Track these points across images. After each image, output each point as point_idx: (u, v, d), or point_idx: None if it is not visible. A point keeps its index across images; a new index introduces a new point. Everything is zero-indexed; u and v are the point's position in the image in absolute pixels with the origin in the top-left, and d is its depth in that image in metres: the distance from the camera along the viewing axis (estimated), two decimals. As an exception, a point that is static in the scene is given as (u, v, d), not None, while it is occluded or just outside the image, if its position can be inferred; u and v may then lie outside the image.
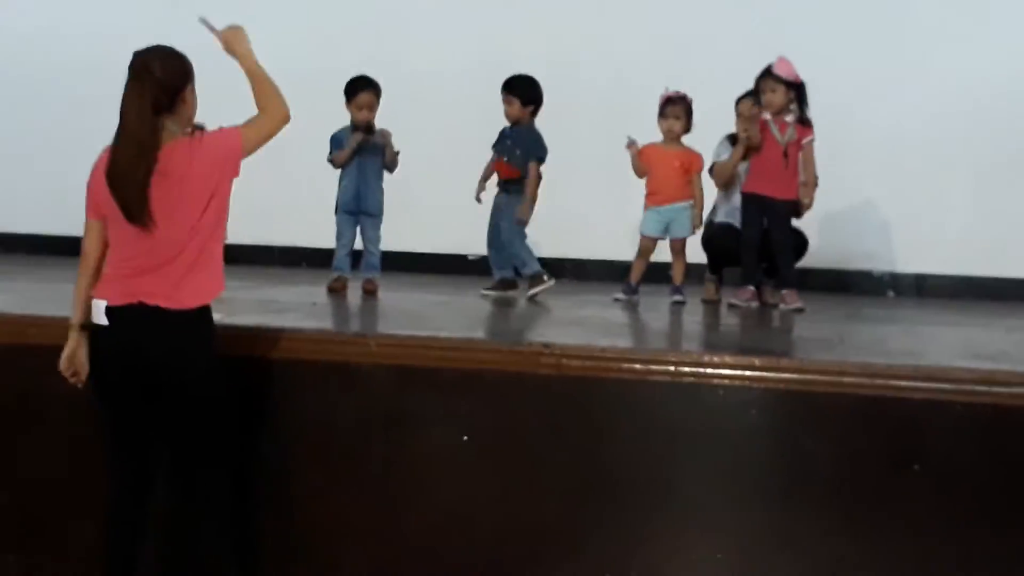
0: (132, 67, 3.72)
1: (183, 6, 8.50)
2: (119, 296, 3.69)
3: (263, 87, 3.89)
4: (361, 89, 6.29)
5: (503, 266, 6.48)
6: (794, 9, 8.14)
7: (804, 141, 6.10)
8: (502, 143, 6.46)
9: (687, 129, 6.37)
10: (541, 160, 6.37)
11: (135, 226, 3.64)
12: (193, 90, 3.81)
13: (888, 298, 8.11)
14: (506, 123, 6.48)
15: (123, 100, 3.71)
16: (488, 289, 6.42)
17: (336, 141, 6.36)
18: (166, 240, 3.66)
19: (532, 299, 6.24)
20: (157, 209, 3.63)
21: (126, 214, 3.63)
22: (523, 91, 6.42)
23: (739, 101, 6.56)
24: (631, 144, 6.28)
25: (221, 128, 3.80)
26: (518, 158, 6.37)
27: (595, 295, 6.51)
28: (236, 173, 3.81)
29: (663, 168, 6.33)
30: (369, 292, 6.24)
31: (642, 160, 6.31)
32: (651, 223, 6.37)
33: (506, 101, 6.41)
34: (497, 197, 6.46)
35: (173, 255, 3.68)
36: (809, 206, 6.30)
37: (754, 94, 6.27)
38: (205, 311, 3.79)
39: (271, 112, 3.86)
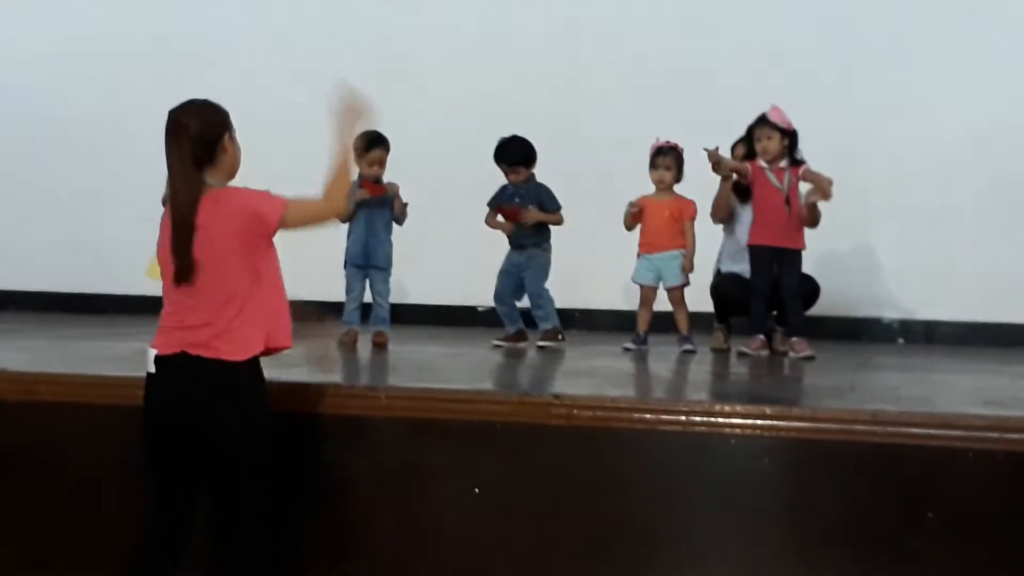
0: (167, 126, 3.69)
1: (194, 61, 8.76)
2: (167, 345, 3.71)
3: (341, 177, 3.91)
4: (374, 146, 6.33)
5: (514, 319, 6.52)
6: (797, 56, 8.20)
7: (801, 171, 6.13)
8: (508, 200, 6.51)
9: (678, 179, 6.45)
10: (560, 209, 6.55)
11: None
12: (232, 138, 3.79)
13: (898, 345, 8.10)
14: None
15: (167, 162, 3.68)
16: (501, 340, 6.46)
17: (343, 195, 6.38)
18: (206, 292, 3.67)
19: (540, 348, 6.30)
20: (197, 263, 3.64)
21: (182, 276, 3.64)
22: (525, 157, 6.51)
23: (735, 146, 6.61)
24: (633, 207, 6.36)
25: (266, 192, 3.78)
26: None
27: (604, 345, 6.52)
28: (265, 237, 3.76)
29: (654, 218, 6.41)
30: (379, 345, 6.25)
31: (640, 213, 6.38)
32: (642, 271, 6.45)
33: (513, 172, 6.49)
34: (512, 255, 6.51)
35: (215, 307, 3.67)
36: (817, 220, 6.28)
37: (746, 141, 6.32)
38: (252, 363, 3.76)
39: (333, 202, 3.87)
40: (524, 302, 6.65)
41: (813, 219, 6.19)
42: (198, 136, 3.67)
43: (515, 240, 6.53)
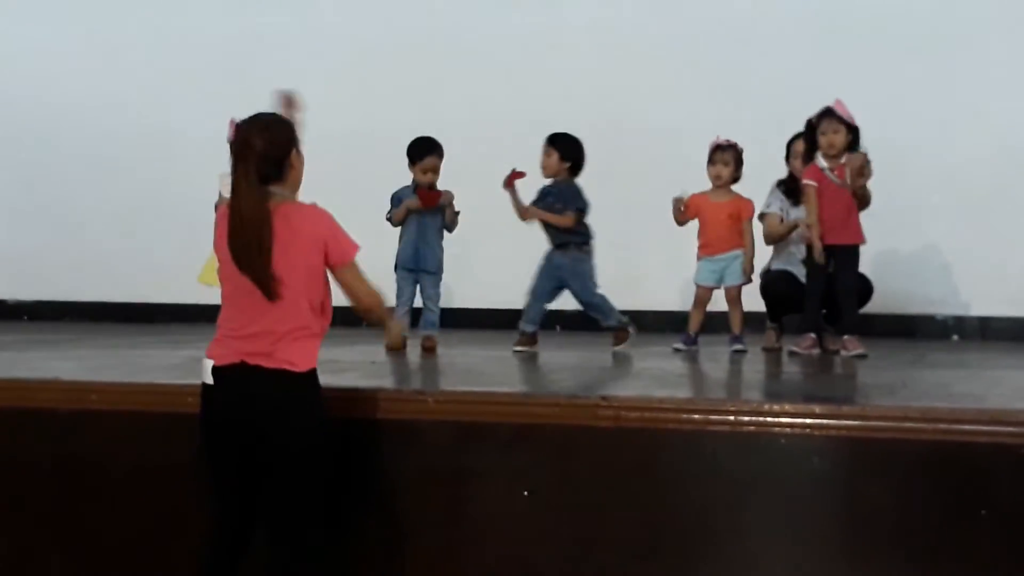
0: (235, 143, 3.70)
1: (231, 74, 8.82)
2: (225, 356, 3.72)
3: (378, 316, 4.07)
4: (428, 153, 6.34)
5: (533, 321, 6.48)
6: (849, 48, 8.15)
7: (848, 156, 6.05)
8: (543, 200, 6.48)
9: (736, 177, 6.41)
10: (581, 212, 6.41)
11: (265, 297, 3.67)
12: (299, 153, 3.82)
13: (952, 342, 8.03)
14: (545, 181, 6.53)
15: (232, 178, 3.68)
16: (518, 346, 6.42)
17: (397, 200, 6.42)
18: (272, 307, 3.68)
19: (616, 352, 6.32)
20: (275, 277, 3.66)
21: (265, 292, 3.65)
22: (563, 146, 6.45)
23: (791, 142, 6.55)
24: (679, 201, 6.33)
25: (342, 232, 3.82)
26: (560, 212, 6.40)
27: (654, 346, 6.50)
28: (328, 265, 3.80)
29: (713, 218, 6.38)
30: (428, 349, 6.26)
31: (690, 210, 6.37)
32: (705, 273, 6.42)
33: (545, 153, 6.44)
34: (554, 255, 6.47)
35: (278, 314, 3.68)
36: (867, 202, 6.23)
37: (807, 136, 6.25)
38: (312, 373, 3.78)
39: (372, 304, 3.96)
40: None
41: (864, 201, 6.13)
42: (265, 154, 3.67)
43: (556, 239, 6.49)
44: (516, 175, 6.43)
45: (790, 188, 6.62)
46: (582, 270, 6.44)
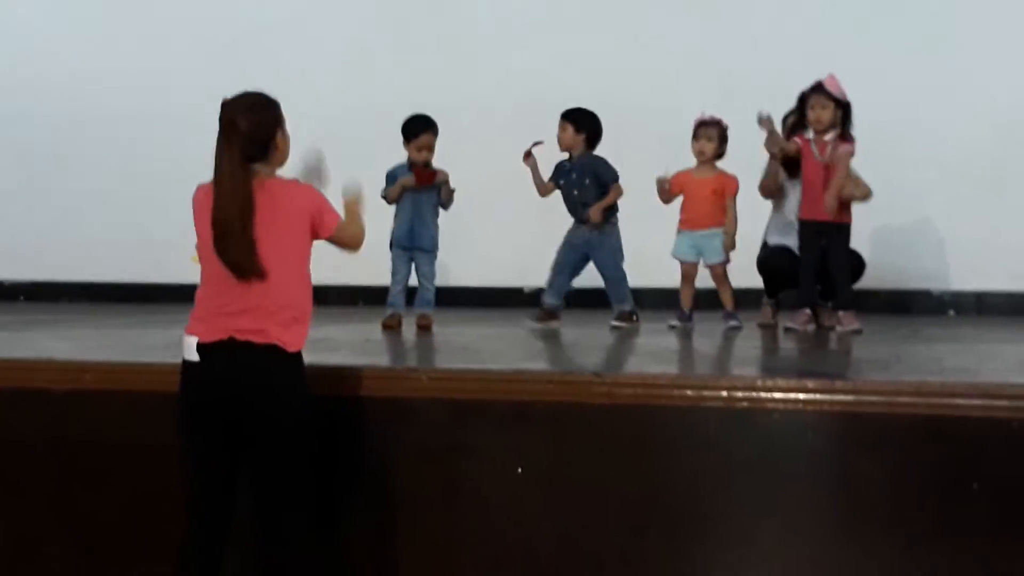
0: (220, 122, 3.67)
1: (228, 52, 8.80)
2: (211, 332, 3.69)
3: (352, 215, 4.02)
4: (423, 130, 6.32)
5: (558, 293, 6.50)
6: (844, 25, 8.14)
7: (840, 150, 6.04)
8: (565, 176, 6.50)
9: (720, 153, 6.41)
10: (617, 179, 6.47)
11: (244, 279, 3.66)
12: (284, 133, 3.81)
13: (949, 317, 8.03)
14: (561, 156, 6.52)
15: (215, 156, 3.67)
16: (536, 320, 6.44)
17: (391, 178, 6.40)
18: (259, 281, 3.67)
19: (614, 328, 6.34)
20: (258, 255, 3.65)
21: (237, 273, 3.64)
22: (578, 119, 6.48)
23: (787, 117, 6.54)
24: (663, 180, 6.34)
25: (325, 199, 3.84)
26: (588, 188, 6.41)
27: (649, 323, 6.51)
28: (314, 238, 3.83)
29: (696, 194, 6.40)
30: (423, 327, 6.27)
31: (674, 187, 6.38)
32: (681, 246, 6.44)
33: (560, 127, 6.49)
34: (580, 229, 6.50)
35: (266, 291, 3.67)
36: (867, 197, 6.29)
37: (798, 110, 6.26)
38: (299, 355, 3.78)
39: (358, 234, 4.00)
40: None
41: (862, 196, 6.17)
42: (250, 134, 3.67)
43: (579, 213, 6.50)
44: (535, 145, 6.46)
45: (787, 160, 6.58)
46: (610, 243, 6.51)
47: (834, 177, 5.98)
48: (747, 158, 6.49)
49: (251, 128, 3.67)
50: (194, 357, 3.72)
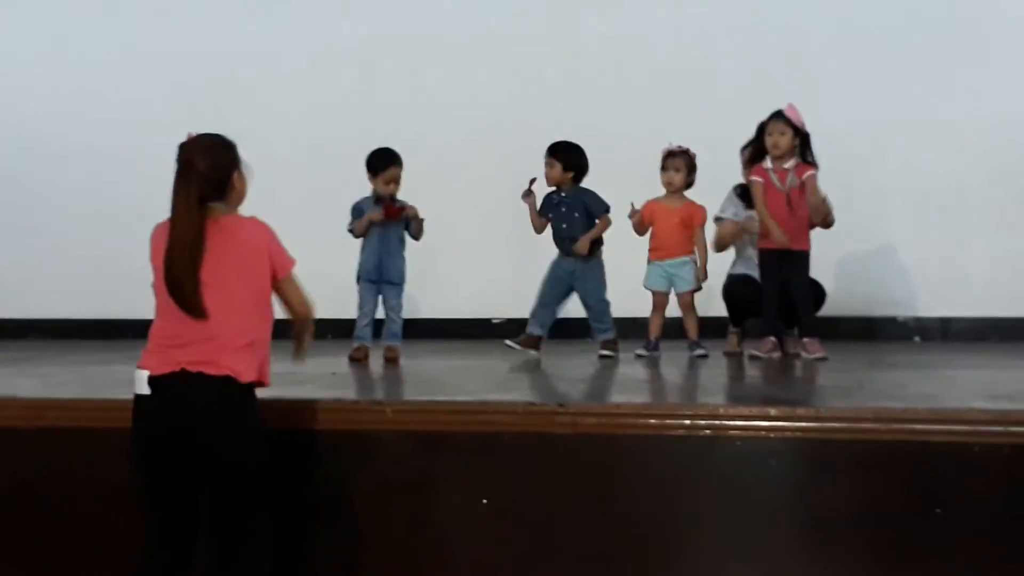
0: (177, 162, 3.71)
1: (203, 92, 8.81)
2: (162, 365, 3.69)
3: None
4: (390, 164, 6.31)
5: (542, 324, 6.51)
6: (811, 52, 8.21)
7: (804, 176, 6.09)
8: (554, 209, 6.52)
9: (689, 183, 6.46)
10: (607, 210, 6.49)
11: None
12: (241, 174, 3.83)
13: (914, 343, 8.08)
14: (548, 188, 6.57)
15: (172, 195, 3.70)
16: (514, 341, 6.45)
17: (357, 211, 6.37)
18: (210, 309, 3.66)
19: (602, 357, 6.37)
20: (204, 289, 3.65)
21: (185, 310, 3.65)
22: (565, 156, 6.52)
23: (744, 148, 6.59)
24: (633, 213, 6.37)
25: (281, 247, 3.86)
26: (577, 221, 6.43)
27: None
28: (266, 271, 3.82)
29: (664, 224, 6.43)
30: (390, 360, 6.26)
31: (644, 217, 6.41)
32: (653, 277, 6.47)
33: (548, 164, 6.51)
34: (564, 261, 6.52)
35: (219, 324, 3.67)
36: (830, 223, 6.35)
37: (756, 140, 6.30)
38: (252, 388, 3.77)
39: (307, 316, 4.00)
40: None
41: (822, 222, 6.22)
42: (207, 175, 3.70)
43: (566, 247, 6.53)
44: (533, 183, 6.51)
45: (746, 191, 6.65)
46: (595, 275, 6.53)
47: (805, 196, 6.03)
48: (717, 188, 6.53)
49: (208, 169, 3.70)
50: (145, 391, 3.72)
